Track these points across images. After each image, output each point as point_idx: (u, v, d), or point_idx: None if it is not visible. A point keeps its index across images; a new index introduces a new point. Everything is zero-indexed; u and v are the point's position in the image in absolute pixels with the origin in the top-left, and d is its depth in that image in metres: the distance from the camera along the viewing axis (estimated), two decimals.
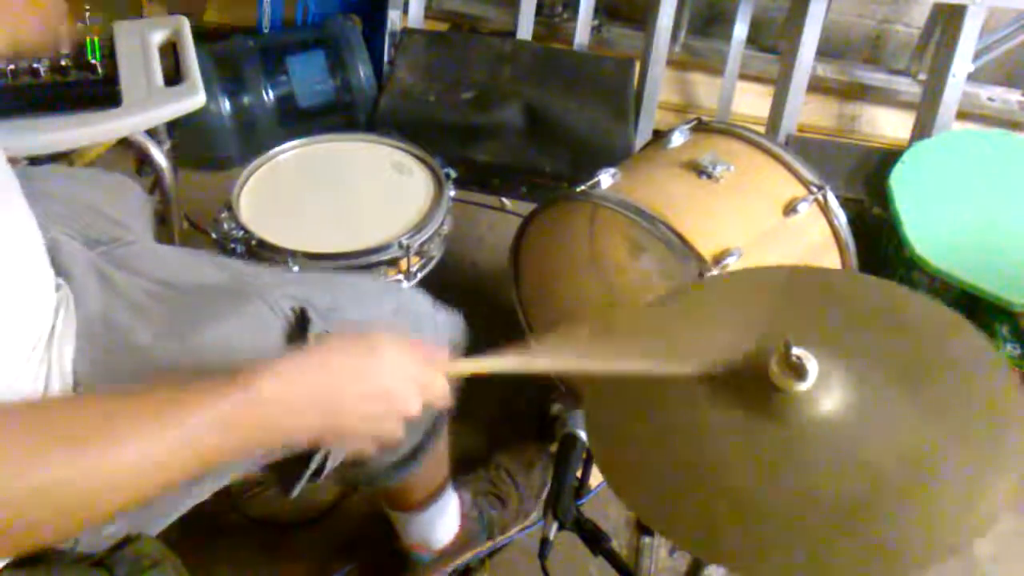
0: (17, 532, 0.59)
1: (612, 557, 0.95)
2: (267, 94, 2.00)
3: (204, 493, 0.86)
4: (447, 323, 1.02)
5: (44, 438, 0.59)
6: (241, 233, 1.28)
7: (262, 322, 0.87)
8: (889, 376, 0.75)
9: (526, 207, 1.80)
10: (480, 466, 1.45)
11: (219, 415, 0.64)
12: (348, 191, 1.40)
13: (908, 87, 2.22)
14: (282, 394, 0.67)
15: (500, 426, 1.57)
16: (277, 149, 1.46)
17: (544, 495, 1.44)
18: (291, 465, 0.89)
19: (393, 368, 0.72)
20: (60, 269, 0.84)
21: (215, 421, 0.64)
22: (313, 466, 0.89)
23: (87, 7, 1.38)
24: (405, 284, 1.31)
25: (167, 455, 0.62)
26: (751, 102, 2.20)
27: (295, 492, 0.91)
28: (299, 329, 0.88)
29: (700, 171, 1.32)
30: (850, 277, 1.10)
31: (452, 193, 1.39)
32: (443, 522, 1.29)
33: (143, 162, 1.41)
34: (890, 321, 0.82)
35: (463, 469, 1.43)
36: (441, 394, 0.76)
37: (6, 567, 0.69)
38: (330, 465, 0.90)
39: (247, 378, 0.66)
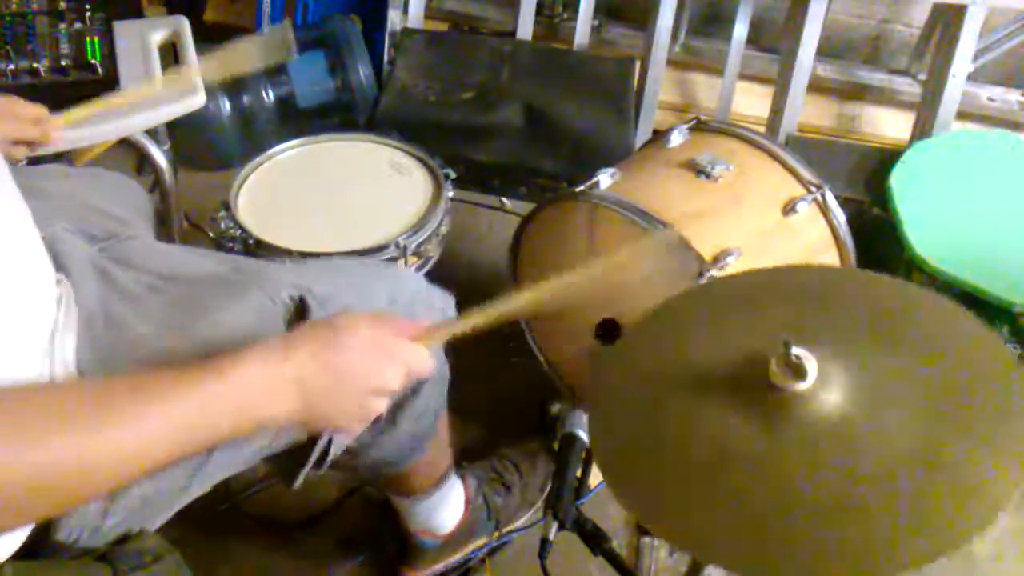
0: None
1: (612, 557, 0.95)
2: (267, 94, 2.00)
3: (203, 487, 0.86)
4: (440, 302, 1.04)
5: (31, 422, 0.60)
6: (239, 232, 1.28)
7: (262, 312, 0.87)
8: (889, 371, 0.75)
9: (526, 207, 1.79)
10: (484, 456, 1.46)
11: (198, 400, 0.66)
12: (346, 191, 1.40)
13: (908, 87, 2.22)
14: (252, 381, 0.68)
15: (502, 421, 1.57)
16: (276, 149, 1.46)
17: (548, 486, 1.44)
18: (293, 456, 0.90)
19: (363, 347, 0.73)
20: (59, 264, 0.84)
21: (194, 406, 0.66)
22: (314, 456, 0.89)
23: (87, 7, 1.39)
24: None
25: (149, 439, 0.64)
26: (751, 102, 2.20)
27: (297, 483, 0.91)
28: (299, 318, 0.88)
29: (699, 171, 1.32)
30: (846, 274, 1.10)
31: (451, 193, 1.39)
32: (447, 507, 1.30)
33: (143, 162, 1.41)
34: (889, 315, 0.81)
35: (467, 460, 1.43)
36: (420, 364, 0.76)
37: (7, 560, 0.70)
38: (332, 455, 0.91)
39: (221, 364, 0.68)
